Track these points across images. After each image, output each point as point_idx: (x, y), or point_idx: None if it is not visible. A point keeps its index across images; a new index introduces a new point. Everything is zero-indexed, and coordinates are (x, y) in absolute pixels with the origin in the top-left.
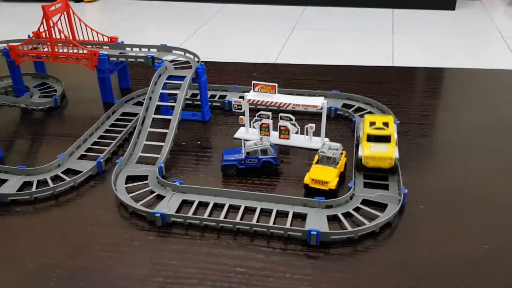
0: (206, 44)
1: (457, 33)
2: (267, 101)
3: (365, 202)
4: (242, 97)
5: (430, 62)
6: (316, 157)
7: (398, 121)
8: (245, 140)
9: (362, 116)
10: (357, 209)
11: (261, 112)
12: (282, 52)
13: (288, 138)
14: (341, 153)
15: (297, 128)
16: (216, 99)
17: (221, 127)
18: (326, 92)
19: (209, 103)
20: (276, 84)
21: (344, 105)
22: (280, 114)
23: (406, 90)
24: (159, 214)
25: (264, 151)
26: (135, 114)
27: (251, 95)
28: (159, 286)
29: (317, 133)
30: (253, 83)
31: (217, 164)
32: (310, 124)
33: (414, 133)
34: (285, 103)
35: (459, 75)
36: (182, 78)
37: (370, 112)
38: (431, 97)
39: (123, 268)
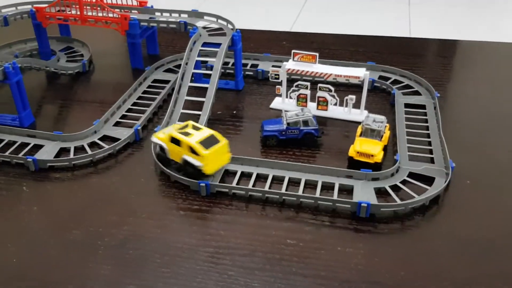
0: (221, 10)
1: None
2: (307, 71)
3: (411, 175)
4: (277, 66)
5: (468, 35)
6: (360, 129)
7: (438, 94)
8: (285, 110)
9: (401, 90)
10: (403, 182)
11: (299, 82)
12: (297, 21)
13: (326, 109)
14: (385, 126)
15: (336, 100)
16: (248, 67)
17: (256, 97)
18: (362, 63)
19: (242, 72)
20: (317, 54)
21: (381, 77)
22: (319, 85)
23: (443, 63)
24: (204, 184)
25: (306, 122)
26: (166, 81)
27: (290, 64)
28: (210, 256)
29: (355, 105)
30: (293, 52)
31: (254, 134)
32: (350, 96)
33: (457, 108)
34: (326, 73)
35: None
36: (218, 45)
37: (407, 87)
38: (472, 70)
39: (172, 237)
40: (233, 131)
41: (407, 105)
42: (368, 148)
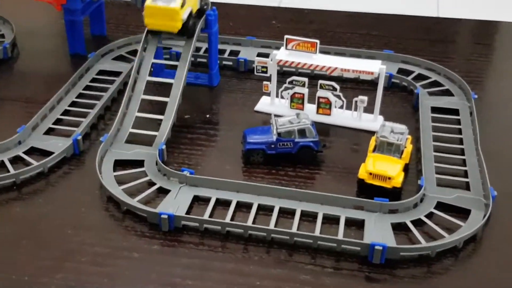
0: None
1: None
2: (304, 64)
3: (440, 205)
4: (264, 55)
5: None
6: (373, 142)
7: (476, 96)
8: (275, 116)
9: (428, 88)
10: (430, 215)
11: (294, 77)
12: None
13: (329, 114)
14: (407, 138)
15: (343, 102)
16: (225, 55)
17: (236, 96)
18: (376, 52)
19: (218, 62)
20: (318, 41)
21: (400, 71)
22: (320, 82)
23: (481, 52)
24: (166, 216)
25: (302, 132)
26: (117, 73)
27: (282, 54)
28: None
29: (367, 109)
30: (286, 38)
31: (234, 148)
32: (361, 97)
33: (500, 114)
34: (329, 67)
35: None
36: None
37: (435, 84)
38: None
39: None
40: (205, 143)
41: (434, 109)
42: (384, 168)
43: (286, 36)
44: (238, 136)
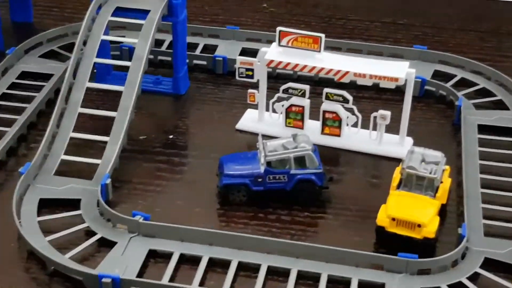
0: None
1: None
2: (305, 66)
3: (489, 263)
4: (251, 52)
5: None
6: (398, 175)
7: None
8: (263, 139)
9: (474, 99)
10: (474, 277)
11: (291, 84)
12: None
13: (339, 135)
14: (443, 170)
15: (357, 117)
16: (197, 52)
17: (211, 108)
18: (403, 48)
19: (187, 61)
20: (323, 35)
21: (437, 74)
22: (326, 91)
23: None
24: (109, 279)
25: (301, 161)
26: (46, 77)
27: (274, 53)
28: None
29: (390, 128)
30: (279, 31)
31: (207, 181)
32: (381, 112)
33: None
34: (338, 71)
35: None
36: (143, 13)
37: (484, 93)
38: None
39: None
40: (167, 175)
41: (483, 128)
42: (412, 211)
43: (279, 29)
44: (213, 165)
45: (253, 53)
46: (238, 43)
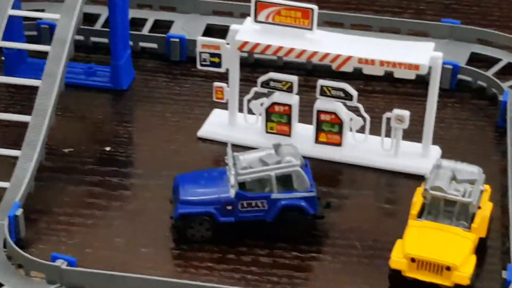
0: None
1: None
2: (291, 49)
3: None
4: (217, 30)
5: None
6: (419, 199)
7: None
8: (235, 148)
9: None
10: None
11: (272, 75)
12: None
13: (339, 144)
14: (481, 191)
15: (364, 120)
16: (145, 31)
17: (164, 108)
18: (426, 22)
19: (130, 43)
20: (315, 7)
21: (474, 59)
22: (322, 83)
23: None
24: None
25: (286, 181)
26: None
27: (249, 32)
28: None
29: (411, 133)
30: (255, 1)
31: (157, 210)
32: (397, 112)
33: None
34: (337, 56)
35: None
36: None
37: None
38: None
39: None
40: (102, 201)
41: None
42: (439, 250)
43: None
44: (166, 188)
45: (221, 31)
46: (201, 18)
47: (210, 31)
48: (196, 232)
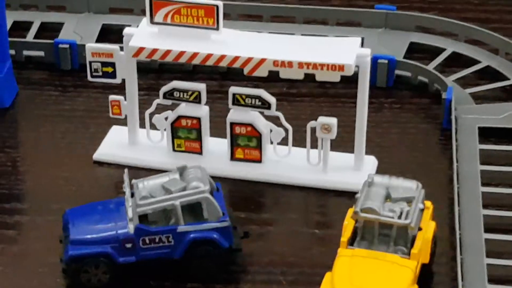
0: None
1: None
2: (194, 55)
3: None
4: (111, 32)
5: None
6: (350, 222)
7: None
8: (130, 178)
9: (469, 86)
10: None
11: (175, 84)
12: None
13: (259, 160)
14: (421, 209)
15: (285, 130)
16: (29, 38)
17: (53, 127)
18: (357, 9)
19: (10, 51)
20: (220, 3)
21: (414, 49)
22: (234, 90)
23: None
24: None
25: (194, 210)
26: None
27: (144, 35)
28: None
29: (344, 142)
30: (150, 0)
31: (48, 252)
32: (322, 120)
33: None
34: (248, 60)
35: None
36: None
37: (490, 75)
38: None
39: None
40: None
41: (486, 133)
42: (374, 283)
43: None
44: (56, 224)
45: (120, 32)
46: (96, 18)
47: (107, 32)
48: (92, 277)
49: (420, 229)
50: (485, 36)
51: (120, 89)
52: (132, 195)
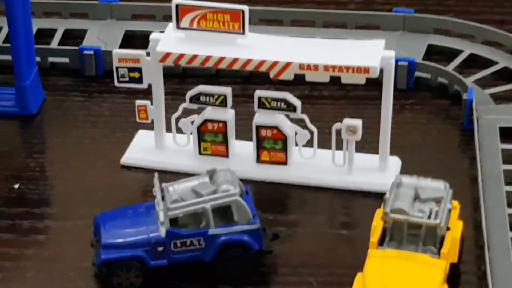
0: None
1: None
2: (221, 58)
3: None
4: (136, 38)
5: None
6: (379, 223)
7: None
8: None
9: (488, 87)
10: None
11: (201, 89)
12: None
13: (285, 162)
14: (449, 209)
15: (310, 132)
16: (54, 45)
17: (80, 132)
18: (376, 12)
19: (36, 58)
20: (246, 8)
21: (432, 51)
22: (259, 95)
23: None
24: None
25: (225, 213)
26: None
27: (171, 41)
28: None
29: (366, 143)
30: (176, 5)
31: (80, 256)
32: (348, 121)
33: None
34: (274, 63)
35: None
36: None
37: (505, 77)
38: None
39: None
40: (11, 249)
41: (508, 133)
42: (406, 283)
43: (175, 1)
44: (86, 229)
45: (143, 38)
46: (119, 24)
47: (130, 38)
48: (123, 280)
49: (448, 228)
50: (502, 37)
51: (144, 93)
52: (163, 198)
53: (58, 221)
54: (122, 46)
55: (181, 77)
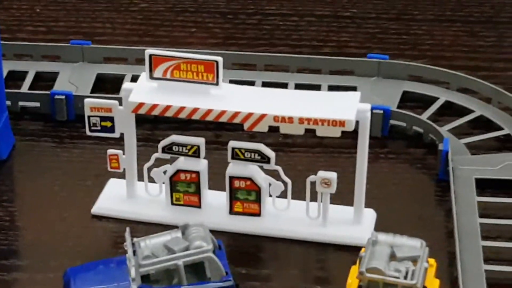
0: None
1: None
2: (194, 110)
3: None
4: (111, 86)
5: None
6: (354, 281)
7: None
8: (132, 237)
9: (464, 136)
10: None
11: (174, 139)
12: None
13: (258, 213)
14: (426, 269)
15: (284, 184)
16: (25, 89)
17: (50, 180)
18: (351, 59)
19: (7, 103)
20: (220, 59)
21: (406, 99)
22: (233, 146)
23: None
24: None
25: (198, 270)
26: None
27: (144, 90)
28: None
29: (340, 193)
30: (149, 55)
31: None
32: (322, 174)
33: None
34: (249, 115)
35: None
36: None
37: (484, 125)
38: None
39: None
40: None
41: (484, 185)
42: None
43: (148, 52)
44: (57, 282)
45: (115, 81)
46: (91, 67)
47: (102, 81)
48: None
49: (424, 287)
50: (476, 84)
51: (116, 139)
52: (134, 253)
53: (28, 273)
54: (94, 89)
55: (153, 122)
